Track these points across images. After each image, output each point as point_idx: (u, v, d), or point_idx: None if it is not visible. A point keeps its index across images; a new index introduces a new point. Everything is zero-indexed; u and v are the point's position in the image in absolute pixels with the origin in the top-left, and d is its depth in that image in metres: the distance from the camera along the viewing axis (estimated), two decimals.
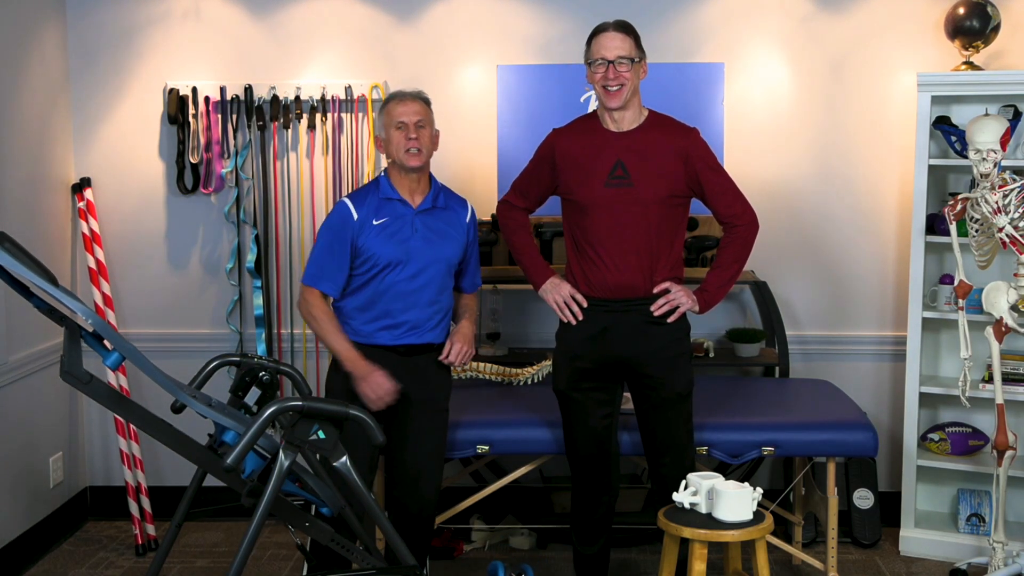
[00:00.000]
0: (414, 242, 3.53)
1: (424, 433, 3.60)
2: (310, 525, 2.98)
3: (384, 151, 3.59)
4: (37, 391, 4.48)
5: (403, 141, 3.51)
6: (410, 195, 3.57)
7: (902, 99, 4.65)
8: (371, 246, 3.51)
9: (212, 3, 4.75)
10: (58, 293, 2.60)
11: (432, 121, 3.60)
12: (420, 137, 3.52)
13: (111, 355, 2.74)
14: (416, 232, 3.54)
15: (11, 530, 4.29)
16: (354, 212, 3.53)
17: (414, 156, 3.51)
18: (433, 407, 3.62)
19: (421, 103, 3.56)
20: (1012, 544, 4.14)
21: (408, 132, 3.51)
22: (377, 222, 3.52)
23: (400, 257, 3.52)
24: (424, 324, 3.57)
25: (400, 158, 3.52)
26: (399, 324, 3.55)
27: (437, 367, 3.63)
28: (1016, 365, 4.36)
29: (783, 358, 4.55)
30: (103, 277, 4.71)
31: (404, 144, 3.51)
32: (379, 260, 3.51)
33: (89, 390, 2.74)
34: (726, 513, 3.22)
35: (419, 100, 3.57)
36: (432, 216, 3.58)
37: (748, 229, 3.60)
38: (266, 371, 3.27)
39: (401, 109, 3.54)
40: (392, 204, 3.55)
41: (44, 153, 4.58)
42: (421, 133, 3.53)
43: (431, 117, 3.59)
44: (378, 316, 3.55)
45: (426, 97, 3.61)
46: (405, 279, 3.53)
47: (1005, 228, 3.82)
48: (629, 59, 3.45)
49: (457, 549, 4.47)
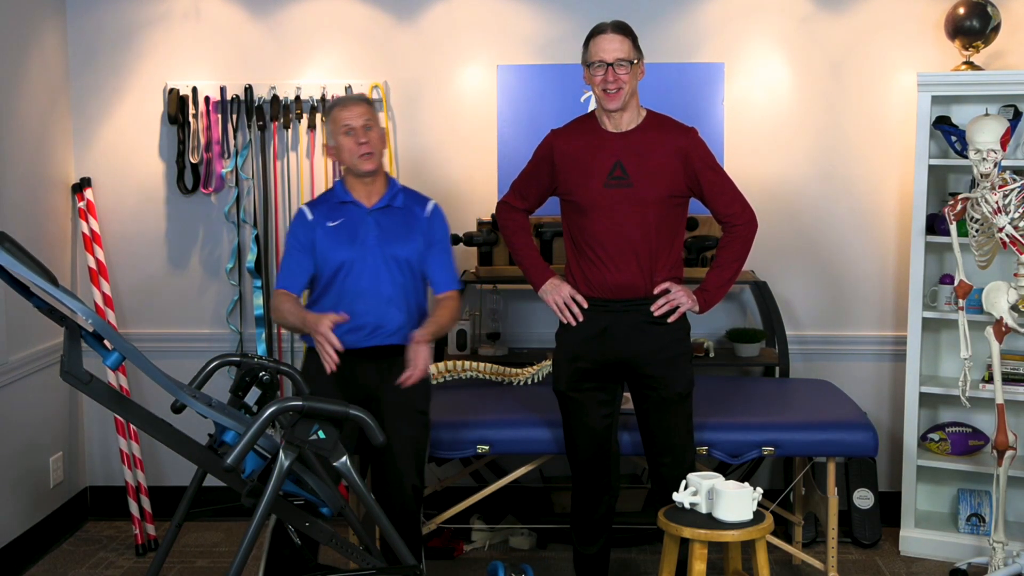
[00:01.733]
0: (368, 241, 3.54)
1: (401, 437, 3.54)
2: (310, 525, 2.99)
3: (336, 159, 3.61)
4: (37, 391, 4.48)
5: (354, 146, 3.51)
6: (365, 197, 3.59)
7: (902, 99, 4.65)
8: (326, 248, 3.54)
9: (212, 3, 4.75)
10: (58, 293, 2.60)
11: (379, 120, 3.60)
12: (370, 139, 3.52)
13: (111, 355, 2.74)
14: (369, 231, 3.55)
15: (11, 530, 4.29)
16: (309, 214, 3.60)
17: (367, 160, 3.52)
18: (409, 410, 3.57)
19: (365, 105, 3.57)
20: (1012, 544, 4.14)
21: (358, 136, 3.51)
22: (331, 224, 3.56)
23: (353, 257, 3.53)
24: (388, 325, 3.55)
25: (354, 164, 3.54)
26: (362, 326, 3.53)
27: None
28: (1016, 365, 4.36)
29: (783, 358, 4.55)
30: (103, 277, 4.71)
31: (356, 149, 3.51)
32: (334, 261, 3.53)
33: (89, 390, 2.74)
34: (726, 513, 3.22)
35: (362, 103, 3.58)
36: (387, 215, 3.58)
37: (747, 228, 3.60)
38: (266, 371, 3.27)
39: (346, 114, 3.53)
40: (346, 207, 3.58)
41: (44, 153, 4.58)
42: (370, 135, 3.53)
43: (377, 116, 3.59)
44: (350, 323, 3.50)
45: (368, 98, 3.63)
46: (361, 279, 3.53)
47: (1005, 228, 3.82)
48: (628, 61, 3.45)
49: (457, 549, 4.47)
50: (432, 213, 3.66)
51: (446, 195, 4.77)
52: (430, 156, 4.79)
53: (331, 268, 3.55)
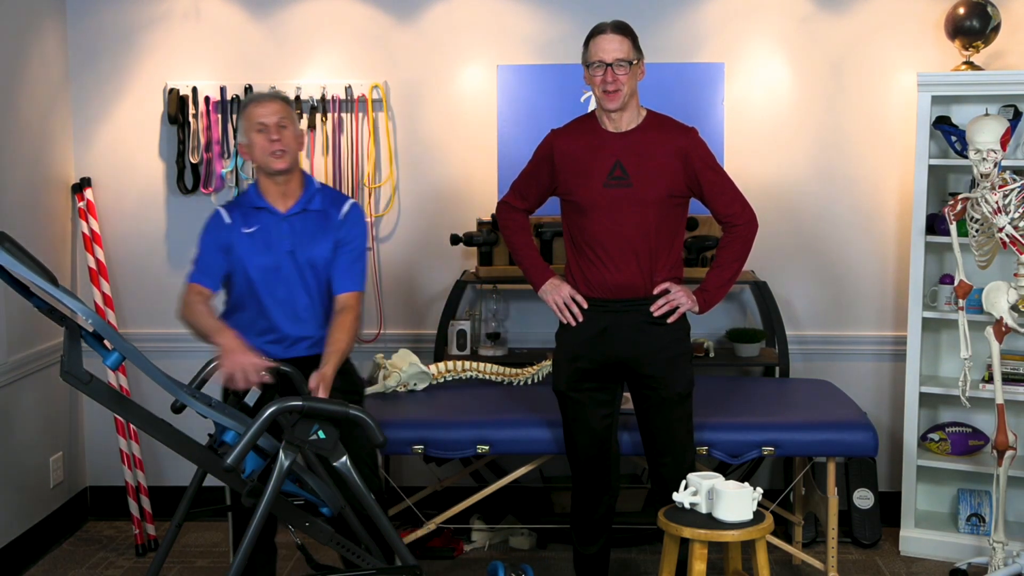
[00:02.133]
0: (283, 248, 3.41)
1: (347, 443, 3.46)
2: (310, 525, 2.98)
3: (248, 157, 3.48)
4: (37, 391, 4.48)
5: (266, 144, 3.38)
6: (280, 200, 3.45)
7: (902, 99, 4.65)
8: (242, 255, 3.42)
9: (212, 3, 4.75)
10: (58, 293, 2.60)
11: (294, 120, 3.46)
12: (283, 138, 3.39)
13: (111, 355, 2.74)
14: (284, 239, 3.42)
15: (11, 530, 4.29)
16: (226, 217, 3.47)
17: (279, 158, 3.38)
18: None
19: (280, 102, 3.44)
20: (1012, 544, 4.14)
21: (270, 134, 3.38)
22: (247, 231, 3.43)
23: (270, 265, 3.41)
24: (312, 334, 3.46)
25: (265, 162, 3.40)
26: (284, 337, 3.44)
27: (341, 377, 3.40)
28: (1016, 365, 4.36)
29: (783, 358, 4.55)
30: (103, 277, 4.71)
31: (267, 147, 3.38)
32: (252, 270, 3.42)
33: (89, 390, 2.74)
34: (726, 513, 3.22)
35: (277, 99, 3.45)
36: (302, 220, 3.45)
37: (747, 229, 3.60)
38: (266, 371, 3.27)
39: (260, 111, 3.40)
40: (260, 213, 3.45)
41: (44, 153, 4.58)
42: (283, 133, 3.39)
43: (293, 116, 3.46)
44: (264, 330, 3.44)
45: (285, 96, 3.51)
46: (279, 289, 3.42)
47: (1005, 228, 3.82)
48: (626, 62, 3.44)
49: (457, 549, 4.47)
50: (347, 215, 3.50)
51: (446, 195, 4.78)
52: (430, 156, 4.79)
53: (249, 277, 3.42)
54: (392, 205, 4.81)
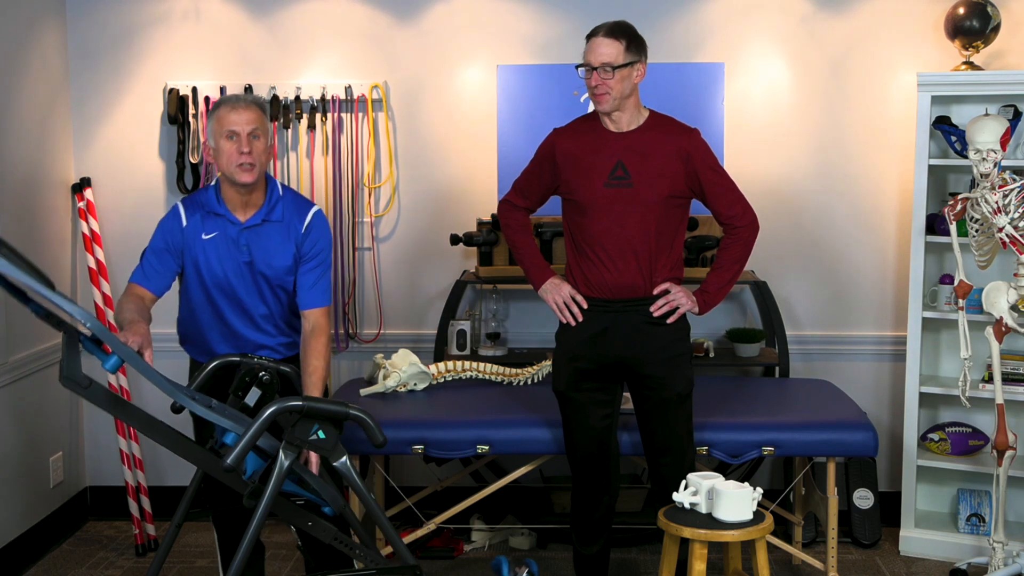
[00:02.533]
0: (241, 258, 3.34)
1: None
2: (313, 525, 2.98)
3: (214, 162, 3.32)
4: (37, 391, 4.48)
5: (235, 154, 3.22)
6: (241, 208, 3.33)
7: (902, 99, 4.65)
8: (199, 261, 3.34)
9: (212, 3, 4.75)
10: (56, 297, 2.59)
11: (267, 130, 3.30)
12: (254, 150, 3.23)
13: (110, 359, 2.74)
14: (243, 250, 3.33)
15: (11, 530, 4.29)
16: (184, 218, 3.35)
17: (246, 171, 3.24)
18: None
19: (256, 110, 3.28)
20: (1012, 544, 4.14)
21: (240, 144, 3.22)
22: (206, 236, 3.33)
23: (227, 273, 3.34)
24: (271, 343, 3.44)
25: (231, 172, 3.25)
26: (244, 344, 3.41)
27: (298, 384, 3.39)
28: (1016, 365, 4.36)
29: (783, 358, 4.55)
30: (103, 277, 4.71)
31: (236, 158, 3.23)
32: (206, 276, 3.36)
33: (89, 395, 2.73)
34: (726, 513, 3.22)
35: (253, 107, 3.28)
36: (262, 231, 3.34)
37: (749, 230, 3.60)
38: (266, 371, 3.27)
39: (233, 117, 3.23)
40: (219, 220, 3.34)
41: (44, 153, 4.58)
42: (255, 145, 3.24)
43: (267, 126, 3.29)
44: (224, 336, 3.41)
45: (263, 103, 3.35)
46: (235, 295, 3.37)
47: (1005, 228, 3.82)
48: (613, 66, 3.41)
49: (457, 549, 4.47)
50: (310, 224, 3.38)
51: (446, 195, 4.78)
52: (430, 156, 4.79)
53: (205, 284, 3.37)
54: (392, 205, 4.81)
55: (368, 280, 4.84)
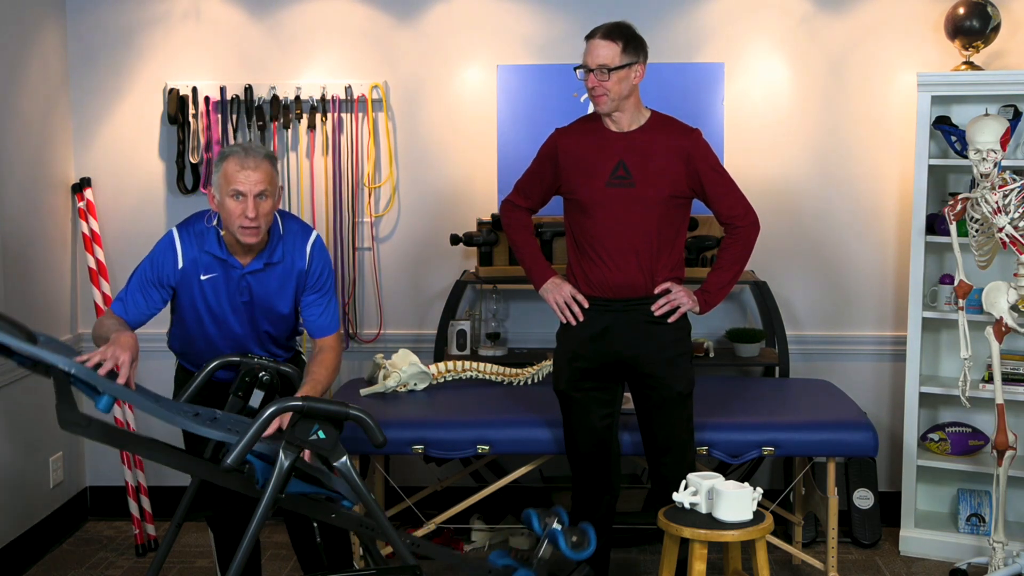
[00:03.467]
0: (241, 299, 3.29)
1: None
2: (337, 516, 2.97)
3: (217, 210, 3.19)
4: (37, 391, 4.48)
5: (239, 216, 3.10)
6: (242, 254, 3.27)
7: (902, 99, 4.65)
8: (195, 296, 3.29)
9: (212, 3, 4.75)
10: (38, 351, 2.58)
11: (276, 187, 3.17)
12: (259, 212, 3.10)
13: (102, 399, 2.73)
14: (244, 291, 3.28)
15: (11, 530, 4.29)
16: (180, 257, 3.24)
17: (251, 233, 3.14)
18: None
19: (265, 168, 3.12)
20: (1012, 544, 4.14)
21: (247, 208, 3.09)
22: (204, 277, 3.26)
23: (224, 311, 3.30)
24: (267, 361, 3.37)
25: (234, 231, 3.16)
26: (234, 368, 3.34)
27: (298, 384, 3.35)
28: (1016, 365, 4.36)
29: (783, 358, 4.55)
30: (103, 277, 4.70)
31: (239, 220, 3.11)
32: (203, 311, 3.31)
33: (89, 433, 2.72)
34: (726, 513, 3.22)
35: (264, 163, 3.12)
36: (262, 275, 3.29)
37: (749, 230, 3.60)
38: (266, 371, 3.27)
39: (241, 177, 3.08)
40: (221, 263, 3.26)
41: (44, 153, 4.58)
42: (261, 206, 3.10)
43: (276, 182, 3.16)
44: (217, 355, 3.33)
45: (272, 157, 3.19)
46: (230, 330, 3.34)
47: (1005, 228, 3.82)
48: (609, 68, 3.41)
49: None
50: (310, 257, 3.32)
51: (446, 195, 4.78)
52: (430, 156, 4.78)
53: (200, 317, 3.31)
54: (392, 205, 4.81)
55: (368, 280, 4.84)
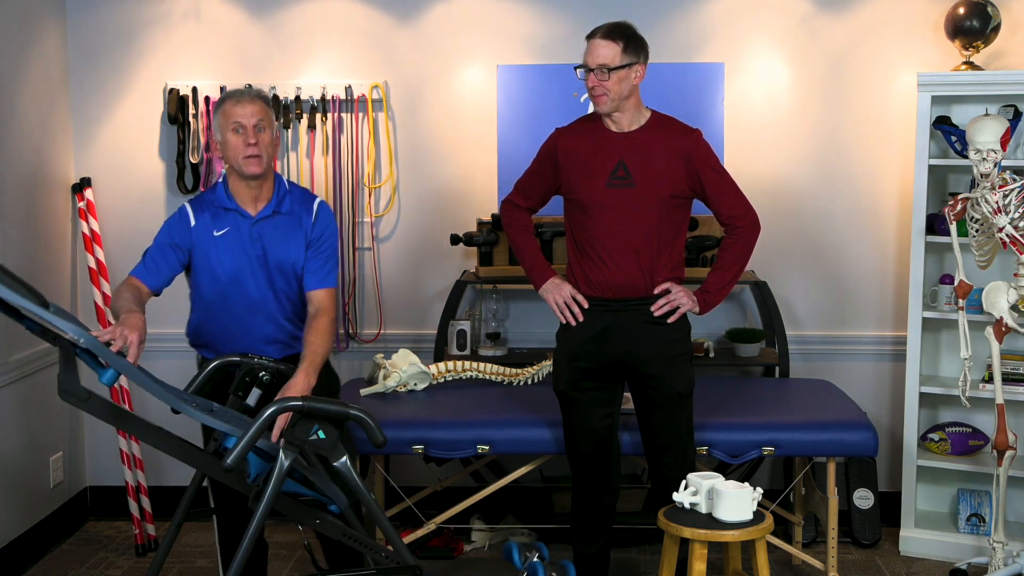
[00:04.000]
0: (254, 252, 3.35)
1: None
2: (321, 522, 2.98)
3: (221, 155, 3.37)
4: (37, 391, 4.48)
5: (241, 146, 3.27)
6: (251, 203, 3.36)
7: (902, 99, 4.65)
8: (211, 258, 3.35)
9: (212, 3, 4.75)
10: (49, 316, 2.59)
11: (272, 122, 3.35)
12: (260, 141, 3.28)
13: (106, 372, 2.74)
14: (256, 242, 3.35)
15: (11, 530, 4.29)
16: (192, 218, 3.36)
17: (254, 162, 3.28)
18: None
19: (261, 103, 3.32)
20: (1012, 544, 4.14)
21: (247, 136, 3.26)
22: (218, 233, 3.34)
23: (240, 269, 3.34)
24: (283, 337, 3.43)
25: (238, 164, 3.29)
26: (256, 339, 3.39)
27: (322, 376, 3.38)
28: (1016, 365, 4.36)
29: (783, 358, 4.55)
30: (103, 277, 4.70)
31: (243, 150, 3.27)
32: (219, 272, 3.35)
33: (88, 407, 2.72)
34: (726, 513, 3.22)
35: (258, 100, 3.32)
36: (273, 223, 3.37)
37: (750, 231, 3.60)
38: (266, 371, 3.27)
39: (238, 110, 3.27)
40: (230, 214, 3.35)
41: (44, 153, 4.58)
42: (261, 137, 3.28)
43: (271, 118, 3.35)
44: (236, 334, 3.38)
45: (266, 96, 3.38)
46: (248, 290, 3.36)
47: (1005, 228, 3.82)
48: (609, 68, 3.42)
49: (457, 549, 4.47)
50: (316, 214, 3.42)
51: (446, 195, 4.78)
52: (430, 156, 4.79)
53: (218, 280, 3.36)
54: (392, 205, 4.81)
55: (368, 280, 4.84)
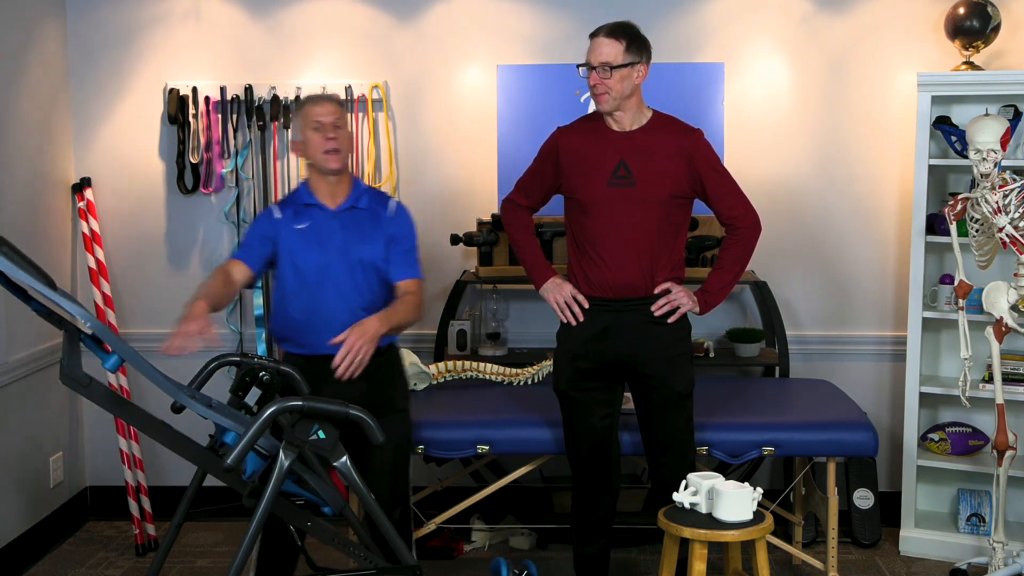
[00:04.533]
0: (334, 245, 3.50)
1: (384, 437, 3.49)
2: (312, 525, 2.99)
3: (302, 155, 3.57)
4: (37, 391, 4.48)
5: (321, 142, 3.49)
6: (329, 198, 3.55)
7: (902, 99, 4.65)
8: (294, 251, 3.50)
9: (212, 3, 4.75)
10: (56, 296, 2.60)
11: (347, 123, 3.60)
12: (339, 137, 3.50)
13: (110, 358, 2.74)
14: (335, 234, 3.51)
15: (11, 530, 4.29)
16: (277, 212, 3.58)
17: (334, 157, 3.49)
18: (388, 409, 3.51)
19: (336, 104, 3.57)
20: (1012, 544, 4.14)
21: (326, 132, 3.49)
22: (299, 227, 3.52)
23: (321, 262, 3.48)
24: None
25: (319, 160, 3.50)
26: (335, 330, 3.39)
27: (388, 370, 3.54)
28: (1016, 365, 4.36)
29: (783, 358, 4.55)
30: (103, 277, 4.71)
31: (323, 145, 3.49)
32: (303, 265, 3.49)
33: (89, 393, 2.73)
34: (726, 513, 3.22)
35: (334, 101, 3.58)
36: (352, 217, 3.54)
37: (750, 231, 3.60)
38: (266, 371, 3.27)
39: (318, 110, 3.52)
40: (311, 209, 3.54)
41: (44, 153, 4.58)
42: (339, 133, 3.51)
43: (346, 119, 3.59)
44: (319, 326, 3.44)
45: (340, 99, 3.66)
46: (329, 283, 3.48)
47: (1005, 228, 3.82)
48: (611, 66, 3.43)
49: (457, 549, 4.47)
50: (395, 212, 3.60)
51: (446, 195, 4.78)
52: (430, 156, 4.79)
53: (300, 273, 3.50)
54: None
55: None
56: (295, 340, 3.54)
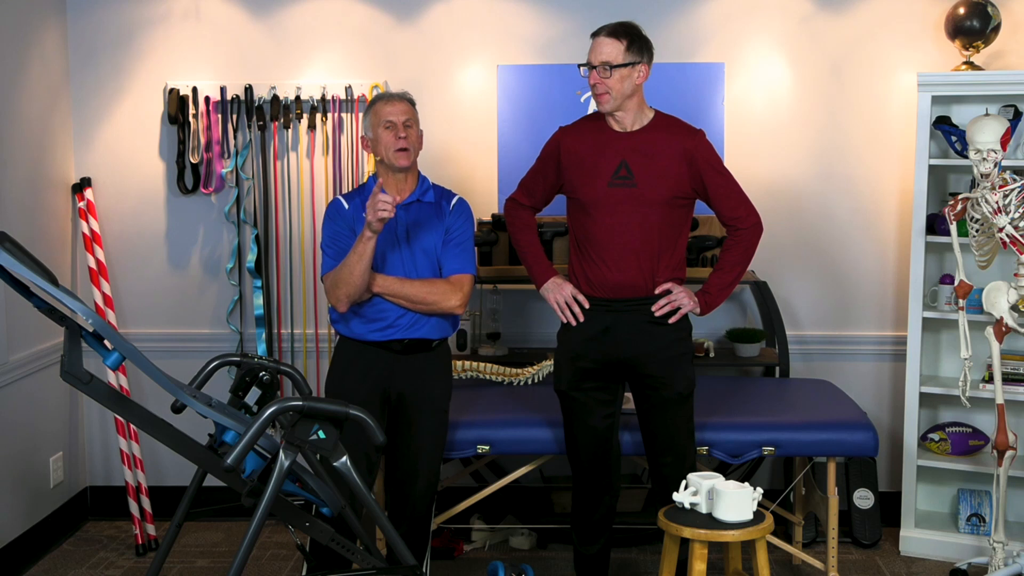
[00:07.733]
0: (399, 234, 3.60)
1: (421, 434, 3.61)
2: (310, 525, 2.99)
3: (371, 151, 3.66)
4: (37, 391, 4.48)
5: (392, 140, 3.58)
6: (397, 192, 3.63)
7: (902, 99, 4.65)
8: None
9: (212, 3, 4.75)
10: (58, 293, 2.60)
11: (418, 121, 3.67)
12: (408, 136, 3.59)
13: (111, 355, 2.74)
14: (400, 225, 3.60)
15: (11, 530, 4.29)
16: (345, 204, 3.67)
17: (403, 155, 3.58)
18: (431, 407, 3.62)
19: (408, 103, 3.65)
20: (1012, 544, 4.14)
21: (397, 131, 3.58)
22: None
23: (387, 251, 3.58)
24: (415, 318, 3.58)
25: (390, 157, 3.59)
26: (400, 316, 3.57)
27: (436, 367, 3.64)
28: (1016, 365, 4.36)
29: (783, 358, 4.55)
30: (103, 277, 4.71)
31: (394, 143, 3.58)
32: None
33: (89, 390, 2.74)
34: (726, 513, 3.22)
35: (405, 100, 3.65)
36: (417, 209, 3.64)
37: (752, 232, 3.60)
38: (266, 371, 3.27)
39: (389, 109, 3.61)
40: None
41: (44, 153, 4.58)
42: (409, 132, 3.60)
43: (417, 117, 3.67)
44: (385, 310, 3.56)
45: (412, 98, 3.69)
46: (395, 271, 3.57)
47: (1005, 228, 3.82)
48: (611, 65, 3.43)
49: (457, 549, 4.47)
50: (455, 206, 3.69)
51: None
52: (430, 156, 4.77)
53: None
54: None
55: None
56: (353, 329, 3.63)
